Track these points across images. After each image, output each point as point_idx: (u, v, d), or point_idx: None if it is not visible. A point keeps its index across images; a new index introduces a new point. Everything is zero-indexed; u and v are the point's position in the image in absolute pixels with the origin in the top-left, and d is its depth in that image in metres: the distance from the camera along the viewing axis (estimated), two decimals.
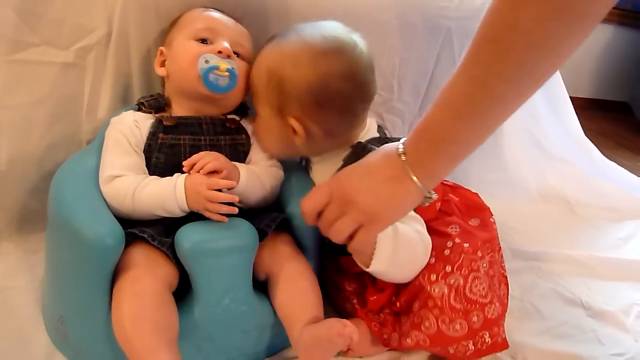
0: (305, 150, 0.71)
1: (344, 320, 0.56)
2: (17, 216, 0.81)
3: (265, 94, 0.66)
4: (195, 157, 0.62)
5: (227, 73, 0.66)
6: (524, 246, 1.01)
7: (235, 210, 0.60)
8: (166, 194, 0.60)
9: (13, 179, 0.78)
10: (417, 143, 0.55)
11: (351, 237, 0.58)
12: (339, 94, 0.64)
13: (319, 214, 0.59)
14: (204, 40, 0.68)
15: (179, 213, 0.61)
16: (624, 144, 1.96)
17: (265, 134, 0.70)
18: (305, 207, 0.59)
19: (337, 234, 0.58)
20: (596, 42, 2.18)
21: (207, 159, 0.62)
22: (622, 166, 1.40)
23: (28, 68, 0.75)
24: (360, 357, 0.68)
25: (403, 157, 0.55)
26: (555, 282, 0.93)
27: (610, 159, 1.40)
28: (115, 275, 0.57)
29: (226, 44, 0.67)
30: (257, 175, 0.68)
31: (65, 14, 0.75)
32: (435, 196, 0.58)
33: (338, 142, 0.69)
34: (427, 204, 0.59)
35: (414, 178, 0.54)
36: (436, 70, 1.00)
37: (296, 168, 0.75)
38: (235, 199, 0.60)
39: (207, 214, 0.60)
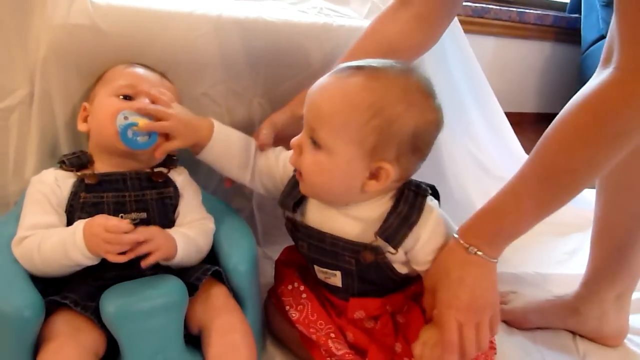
0: (364, 195, 0.64)
1: None
2: None
3: (358, 132, 0.59)
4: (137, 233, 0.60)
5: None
6: None
7: (139, 253, 0.59)
8: (67, 242, 0.59)
9: None
10: (489, 239, 0.63)
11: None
12: (431, 141, 0.63)
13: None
14: (126, 97, 0.68)
15: (84, 261, 0.59)
16: None
17: (329, 174, 0.62)
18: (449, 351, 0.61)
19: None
20: (536, 59, 2.27)
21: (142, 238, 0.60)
22: None
23: None
24: None
25: (481, 253, 0.62)
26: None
27: None
28: (37, 347, 0.55)
29: (146, 101, 0.67)
30: (194, 243, 0.67)
31: None
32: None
33: (389, 188, 0.65)
34: None
35: (494, 262, 0.63)
36: None
37: (225, 215, 0.75)
38: (139, 238, 0.59)
39: (107, 257, 0.58)
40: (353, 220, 0.66)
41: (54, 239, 0.59)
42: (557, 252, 1.16)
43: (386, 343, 0.67)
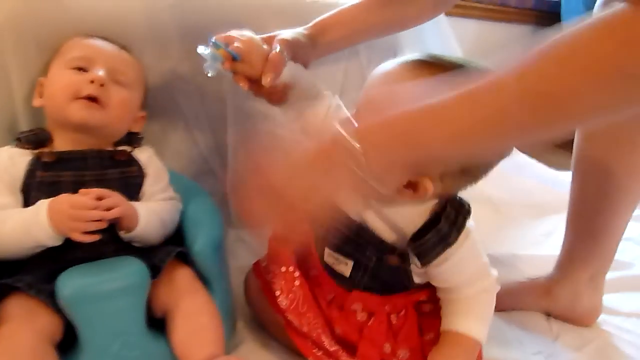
0: (393, 203, 0.60)
1: (234, 357, 0.53)
2: None
3: None
4: (95, 191, 0.59)
5: None
6: None
7: (104, 225, 0.57)
8: (29, 222, 0.57)
9: None
10: (388, 147, 0.48)
11: None
12: (489, 167, 0.58)
13: None
14: (80, 69, 0.65)
15: (48, 241, 0.57)
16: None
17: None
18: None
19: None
20: (518, 43, 2.25)
21: (104, 193, 0.59)
22: (549, 162, 1.44)
23: None
24: None
25: (362, 159, 0.47)
26: None
27: (539, 155, 1.43)
28: None
29: (101, 73, 0.64)
30: (157, 214, 0.65)
31: None
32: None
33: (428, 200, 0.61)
34: None
35: (376, 184, 0.49)
36: (346, 84, 1.00)
37: (193, 194, 0.72)
38: (104, 215, 0.57)
39: (73, 236, 0.56)
40: (385, 222, 0.62)
41: (14, 219, 0.57)
42: (533, 234, 1.16)
43: (376, 341, 0.65)
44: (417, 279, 0.65)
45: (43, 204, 0.57)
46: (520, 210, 1.26)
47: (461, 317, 0.64)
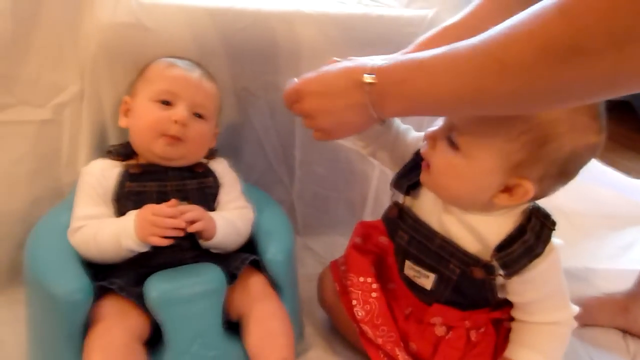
0: (489, 207, 0.60)
1: None
2: (7, 270, 0.83)
3: (507, 144, 0.55)
4: (180, 208, 0.63)
5: None
6: None
7: (182, 233, 0.62)
8: (120, 232, 0.62)
9: (0, 235, 0.80)
10: (387, 86, 0.54)
11: None
12: (583, 166, 0.57)
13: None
14: (164, 102, 0.69)
15: (136, 247, 0.62)
16: (627, 145, 1.92)
17: (461, 179, 0.58)
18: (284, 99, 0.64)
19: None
20: None
21: (187, 209, 0.64)
22: (626, 168, 1.37)
23: (7, 128, 0.78)
24: None
25: (367, 88, 0.55)
26: None
27: (613, 161, 1.37)
28: (87, 328, 0.59)
29: (183, 111, 0.68)
30: (233, 225, 0.69)
31: (39, 73, 0.78)
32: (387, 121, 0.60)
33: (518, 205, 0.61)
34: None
35: (374, 113, 0.56)
36: None
37: (264, 204, 0.76)
38: (181, 224, 0.62)
39: (150, 240, 0.60)
40: (469, 231, 0.62)
41: (110, 228, 0.63)
42: (610, 246, 1.11)
43: (452, 356, 0.65)
44: (500, 294, 0.64)
45: (132, 214, 0.63)
46: (595, 221, 1.20)
47: (529, 348, 0.63)
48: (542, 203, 0.62)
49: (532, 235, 0.58)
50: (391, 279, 0.72)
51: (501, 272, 0.60)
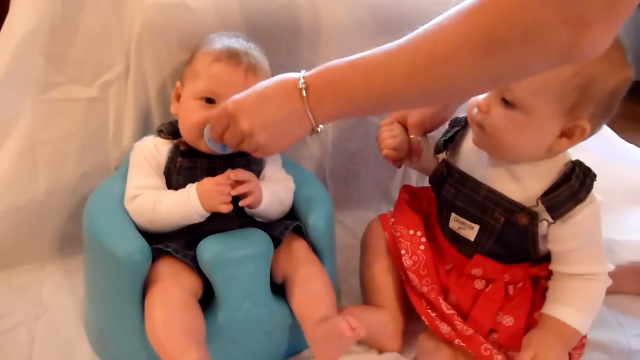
0: (548, 154, 0.65)
1: (351, 317, 0.59)
2: (58, 241, 0.88)
3: (560, 90, 0.59)
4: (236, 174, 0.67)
5: None
6: None
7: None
8: (182, 201, 0.66)
9: (51, 208, 0.85)
10: (321, 89, 0.56)
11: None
12: (621, 99, 0.62)
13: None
14: (208, 99, 0.70)
15: (196, 218, 0.66)
16: None
17: (523, 132, 0.62)
18: (211, 130, 0.64)
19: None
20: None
21: (244, 178, 0.67)
22: None
23: (57, 105, 0.82)
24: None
25: (304, 93, 0.56)
26: None
27: (634, 139, 1.38)
28: (145, 288, 0.63)
29: None
30: (277, 196, 0.72)
31: (86, 53, 0.82)
32: (321, 128, 0.60)
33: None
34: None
35: (312, 119, 0.57)
36: None
37: (303, 177, 0.79)
38: (241, 191, 0.66)
39: (222, 208, 0.64)
40: (513, 180, 0.66)
41: (168, 200, 0.67)
42: (633, 220, 1.13)
43: (490, 308, 0.69)
44: (540, 245, 0.67)
45: (192, 187, 0.67)
46: (619, 196, 1.22)
47: (566, 305, 0.66)
48: None
49: (577, 181, 0.63)
50: (433, 239, 0.76)
51: (546, 216, 0.63)
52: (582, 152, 1.28)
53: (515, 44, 0.43)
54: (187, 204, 0.66)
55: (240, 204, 0.66)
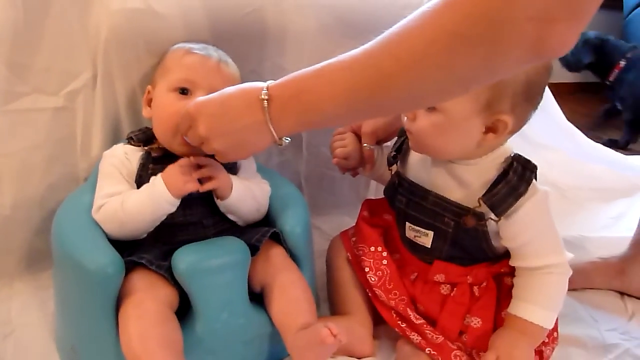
0: (480, 150, 0.66)
1: (331, 324, 0.59)
2: (26, 256, 0.85)
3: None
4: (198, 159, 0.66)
5: None
6: None
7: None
8: (149, 192, 0.65)
9: (18, 222, 0.82)
10: (286, 100, 0.54)
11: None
12: (542, 87, 0.64)
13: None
14: (183, 90, 0.70)
15: (166, 207, 0.65)
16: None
17: (446, 133, 0.64)
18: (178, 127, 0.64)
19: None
20: (605, 29, 2.20)
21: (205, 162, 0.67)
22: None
23: (22, 116, 0.79)
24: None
25: (266, 104, 0.55)
26: None
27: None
28: (119, 301, 0.61)
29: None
30: (250, 191, 0.72)
31: (51, 61, 0.79)
32: (286, 141, 0.59)
33: (503, 141, 0.67)
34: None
35: (273, 131, 0.56)
36: None
37: (278, 183, 0.79)
38: (205, 174, 0.66)
39: (190, 187, 0.65)
40: (456, 182, 0.68)
41: (135, 195, 0.66)
42: (603, 217, 1.17)
43: (458, 312, 0.70)
44: (494, 241, 0.68)
45: (157, 177, 0.66)
46: (588, 194, 1.25)
47: (527, 302, 0.67)
48: (538, 179, 0.67)
49: (515, 176, 0.64)
50: (396, 250, 0.77)
51: (491, 215, 0.65)
52: (551, 152, 1.33)
53: (481, 42, 0.42)
54: (154, 192, 0.65)
55: (202, 188, 0.66)
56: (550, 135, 1.33)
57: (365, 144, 0.80)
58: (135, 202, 0.65)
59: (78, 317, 0.64)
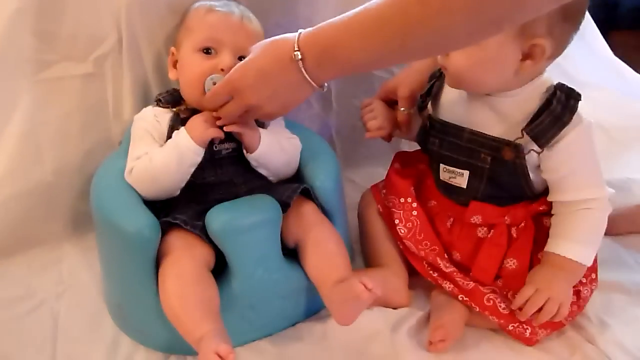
0: (519, 79, 0.63)
1: (365, 278, 0.59)
2: (72, 220, 0.88)
3: None
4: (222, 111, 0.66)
5: None
6: None
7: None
8: (174, 143, 0.67)
9: (61, 188, 0.85)
10: (319, 55, 0.56)
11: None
12: (583, 4, 0.61)
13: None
14: (208, 50, 0.70)
15: (191, 156, 0.66)
16: None
17: (481, 63, 0.62)
18: (208, 102, 0.66)
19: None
20: None
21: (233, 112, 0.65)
22: None
23: (53, 85, 0.81)
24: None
25: (301, 64, 0.56)
26: None
27: None
28: (157, 261, 0.63)
29: (228, 59, 0.68)
30: (278, 141, 0.71)
31: (77, 27, 0.79)
32: (326, 87, 0.60)
33: (543, 68, 0.65)
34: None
35: (313, 83, 0.58)
36: None
37: (308, 138, 0.78)
38: (231, 129, 0.66)
39: (211, 133, 0.66)
40: (496, 116, 0.66)
41: (160, 150, 0.67)
42: None
43: (495, 254, 0.69)
44: (533, 176, 0.66)
45: (181, 130, 0.67)
46: (635, 134, 1.18)
47: (565, 238, 0.65)
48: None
49: (558, 105, 0.62)
50: (430, 197, 0.76)
51: (533, 146, 0.63)
52: (597, 91, 1.25)
53: None
54: (179, 143, 0.66)
55: (226, 129, 0.66)
56: (594, 72, 1.25)
57: (402, 108, 0.79)
58: (161, 155, 0.66)
59: (121, 277, 0.67)
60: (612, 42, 1.31)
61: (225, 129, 0.66)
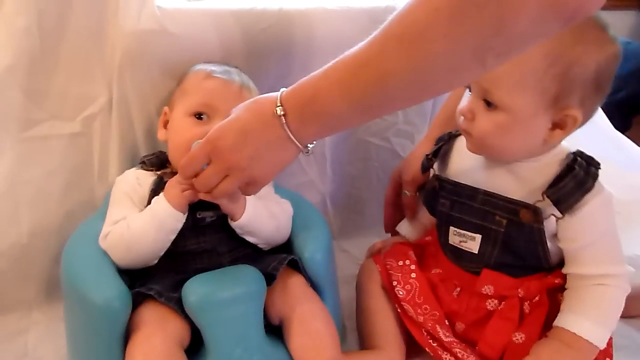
0: (545, 148, 0.62)
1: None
2: (45, 285, 0.83)
3: (538, 83, 0.57)
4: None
5: None
6: None
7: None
8: (152, 209, 0.63)
9: (36, 250, 0.80)
10: (300, 108, 0.53)
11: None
12: (611, 77, 0.60)
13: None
14: (200, 116, 0.68)
15: (171, 222, 0.63)
16: None
17: (510, 133, 0.60)
18: (185, 170, 0.59)
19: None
20: (621, 28, 2.11)
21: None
22: None
23: (39, 143, 0.78)
24: None
25: (283, 120, 0.53)
26: None
27: None
28: (127, 336, 0.58)
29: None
30: (263, 204, 0.68)
31: (67, 86, 0.78)
32: (310, 147, 0.57)
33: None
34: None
35: (297, 143, 0.54)
36: None
37: (299, 205, 0.75)
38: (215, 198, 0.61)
39: (187, 195, 0.62)
40: (514, 179, 0.64)
41: (139, 216, 0.64)
42: None
43: (504, 329, 0.63)
44: (549, 245, 0.62)
45: (161, 195, 0.64)
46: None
47: (579, 315, 0.60)
48: None
49: (581, 170, 0.61)
50: (435, 264, 0.72)
51: (554, 211, 0.60)
52: (600, 161, 1.23)
53: (488, 1, 0.39)
54: (157, 208, 0.63)
55: (203, 197, 0.61)
56: (596, 145, 1.23)
57: (406, 191, 0.78)
58: (139, 221, 0.63)
59: (85, 351, 0.62)
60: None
61: (200, 196, 0.61)
